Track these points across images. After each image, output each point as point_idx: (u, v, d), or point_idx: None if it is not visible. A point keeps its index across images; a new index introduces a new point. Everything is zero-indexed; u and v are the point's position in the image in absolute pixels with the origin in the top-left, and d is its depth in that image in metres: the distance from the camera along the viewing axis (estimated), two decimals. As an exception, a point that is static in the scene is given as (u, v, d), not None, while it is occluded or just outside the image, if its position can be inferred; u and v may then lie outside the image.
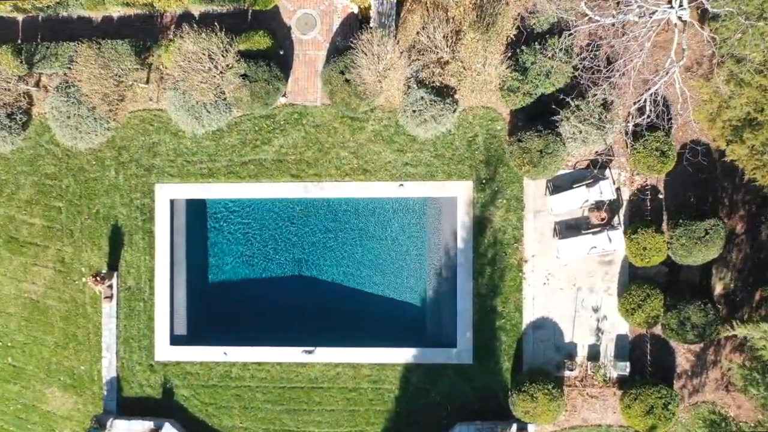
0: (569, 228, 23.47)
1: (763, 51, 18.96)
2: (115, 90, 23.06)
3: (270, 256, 25.49)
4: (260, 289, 25.37)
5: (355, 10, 23.72)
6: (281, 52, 23.67)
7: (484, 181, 23.58)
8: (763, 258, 22.90)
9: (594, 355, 23.46)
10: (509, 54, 22.36)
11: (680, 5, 19.38)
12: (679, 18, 19.24)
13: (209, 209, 25.49)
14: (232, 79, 22.66)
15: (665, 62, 21.61)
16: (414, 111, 22.57)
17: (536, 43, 22.23)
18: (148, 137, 24.33)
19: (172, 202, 24.31)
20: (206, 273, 25.49)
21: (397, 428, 23.78)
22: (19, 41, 24.53)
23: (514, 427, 22.74)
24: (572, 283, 23.56)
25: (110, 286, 24.26)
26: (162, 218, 24.23)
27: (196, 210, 25.05)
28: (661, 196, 23.35)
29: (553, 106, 22.38)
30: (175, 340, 24.37)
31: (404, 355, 23.59)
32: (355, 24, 23.63)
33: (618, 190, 23.26)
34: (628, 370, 23.00)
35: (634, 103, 20.93)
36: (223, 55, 22.54)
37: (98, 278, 23.84)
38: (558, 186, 23.41)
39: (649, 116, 20.28)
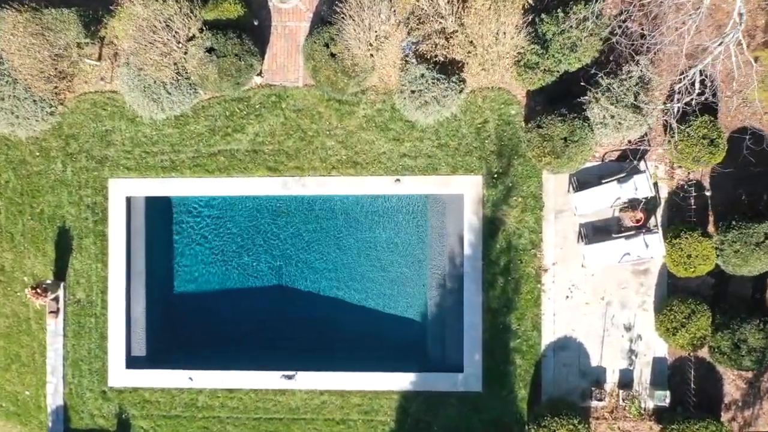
0: (597, 231, 19.97)
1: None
2: (52, 64, 19.43)
3: (244, 264, 22.05)
4: (233, 303, 21.93)
5: (344, -26, 20.05)
6: (256, 23, 20.11)
7: (495, 176, 20.09)
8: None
9: (626, 382, 20.00)
10: (527, 22, 18.68)
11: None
12: (738, -28, 15.57)
13: (173, 208, 21.99)
14: (196, 54, 19.05)
15: (711, 31, 18.05)
16: (413, 91, 18.98)
17: (559, 10, 18.54)
18: (101, 124, 20.79)
19: (128, 199, 20.84)
20: (169, 284, 21.99)
21: (392, 468, 20.35)
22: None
23: (532, 468, 19.18)
24: (600, 296, 20.08)
25: (56, 299, 20.78)
26: (117, 219, 20.75)
27: (157, 209, 21.53)
28: (707, 194, 19.76)
29: (582, 83, 18.71)
30: (132, 362, 20.92)
31: (401, 381, 20.20)
32: (344, -11, 19.99)
33: (655, 185, 19.62)
34: (667, 400, 19.45)
35: (682, 79, 17.17)
36: (184, 24, 18.92)
37: (39, 290, 20.24)
38: (584, 182, 19.86)
39: (703, 92, 16.55)
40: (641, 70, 18.22)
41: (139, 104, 19.69)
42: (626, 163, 19.72)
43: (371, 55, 18.99)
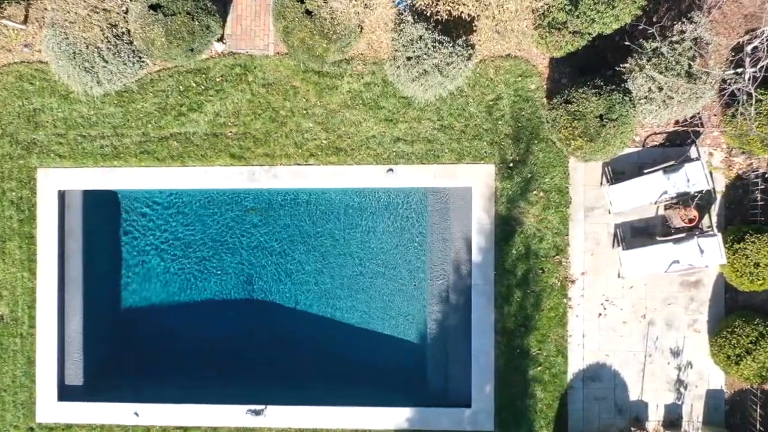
0: (638, 233, 16.30)
1: None
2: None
3: (205, 273, 18.34)
4: (190, 321, 18.21)
5: None
6: (215, -24, 16.39)
7: (511, 165, 16.41)
8: None
9: (674, 419, 16.31)
10: (553, -31, 14.93)
11: None
12: None
13: (116, 204, 18.28)
14: (137, 11, 15.26)
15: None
16: (409, 58, 15.20)
17: (593, -47, 14.78)
18: (28, 102, 17.12)
19: (61, 194, 17.24)
20: (113, 297, 18.29)
21: None
22: None
23: None
24: (641, 314, 16.41)
25: (-28, 316, 17.13)
26: (47, 217, 17.13)
27: (98, 206, 17.81)
28: (776, 187, 16.06)
29: (626, 42, 14.93)
30: (66, 393, 17.34)
31: (395, 417, 16.55)
32: (324, -67, 16.20)
33: (710, 176, 15.81)
34: (725, 443, 15.72)
35: (757, 35, 13.38)
36: (121, -27, 15.21)
37: (-53, 306, 16.56)
38: (620, 172, 16.25)
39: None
40: (696, 29, 14.41)
41: (69, 75, 15.96)
42: (675, 148, 16.07)
43: (357, 13, 15.20)
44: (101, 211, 17.86)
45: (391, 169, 16.54)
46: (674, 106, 14.88)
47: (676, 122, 16.10)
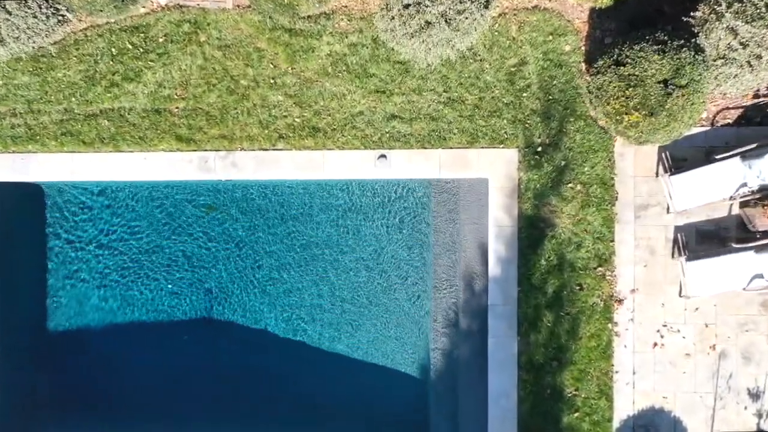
0: (707, 238, 12.98)
1: None
2: None
3: (153, 288, 15.01)
4: (135, 347, 15.01)
5: None
6: None
7: (539, 149, 13.12)
8: None
9: (752, 481, 13.09)
10: None
11: None
12: None
13: (37, 200, 14.99)
14: (45, -56, 11.78)
15: None
16: (407, 6, 11.77)
17: None
18: None
19: None
20: (35, 318, 15.03)
21: None
22: None
23: None
24: (710, 344, 13.10)
25: None
26: (-53, 218, 13.98)
27: (14, 202, 14.62)
28: None
29: (707, -24, 11.40)
30: None
31: (389, 476, 13.41)
32: None
33: (801, 165, 12.42)
34: None
35: None
36: None
37: None
38: (682, 159, 12.81)
39: None
40: (795, -35, 10.84)
41: (-36, 33, 12.47)
42: (753, 127, 12.70)
43: (336, -53, 11.66)
44: (18, 209, 14.66)
45: (383, 155, 13.19)
46: (762, 68, 11.27)
47: (755, 94, 12.64)
